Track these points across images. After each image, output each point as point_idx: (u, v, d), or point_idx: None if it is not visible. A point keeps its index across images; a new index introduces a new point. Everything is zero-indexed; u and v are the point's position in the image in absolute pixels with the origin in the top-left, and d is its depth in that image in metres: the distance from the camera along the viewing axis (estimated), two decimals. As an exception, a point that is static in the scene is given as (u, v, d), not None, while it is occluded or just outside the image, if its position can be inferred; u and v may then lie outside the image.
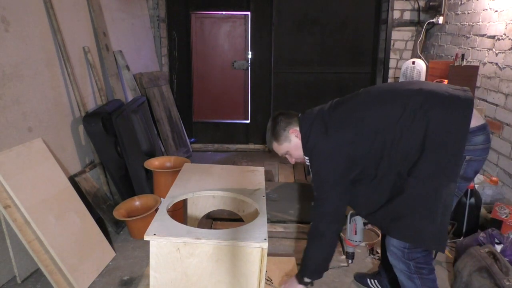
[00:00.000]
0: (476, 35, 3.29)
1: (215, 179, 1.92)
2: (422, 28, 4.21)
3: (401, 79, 3.76)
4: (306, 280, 1.93)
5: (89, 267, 2.26)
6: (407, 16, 4.42)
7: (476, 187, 2.72)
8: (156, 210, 2.33)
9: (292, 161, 1.95)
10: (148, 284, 1.44)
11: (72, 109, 2.81)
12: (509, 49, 2.83)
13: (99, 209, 2.71)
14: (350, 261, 2.22)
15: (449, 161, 1.51)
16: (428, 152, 1.53)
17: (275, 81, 4.81)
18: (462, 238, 2.62)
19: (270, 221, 2.98)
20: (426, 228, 1.57)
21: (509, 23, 2.84)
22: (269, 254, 2.07)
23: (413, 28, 4.45)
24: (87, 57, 3.00)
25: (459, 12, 3.64)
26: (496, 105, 2.98)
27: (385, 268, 2.09)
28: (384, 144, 1.62)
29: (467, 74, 3.04)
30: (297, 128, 1.85)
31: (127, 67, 3.64)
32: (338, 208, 1.78)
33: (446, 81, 3.06)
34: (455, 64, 3.15)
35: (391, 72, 4.59)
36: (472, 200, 2.64)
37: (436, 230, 1.56)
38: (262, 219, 1.52)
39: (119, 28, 3.66)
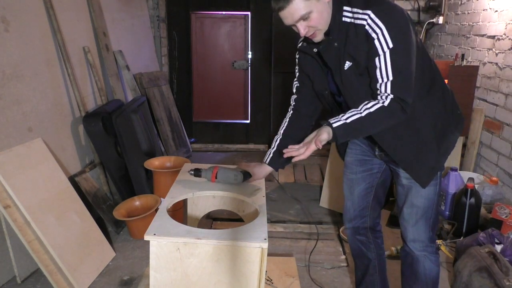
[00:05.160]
0: (476, 35, 3.29)
1: (215, 179, 1.92)
2: (422, 28, 4.21)
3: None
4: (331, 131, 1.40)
5: (89, 267, 2.26)
6: (407, 16, 4.42)
7: (476, 187, 2.72)
8: (156, 210, 2.33)
9: (304, 31, 1.43)
10: (148, 284, 1.44)
11: (72, 109, 2.81)
12: (509, 49, 2.83)
13: (99, 209, 2.71)
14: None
15: None
16: None
17: (275, 81, 4.81)
18: (462, 238, 2.62)
19: (270, 221, 2.99)
20: None
21: (509, 23, 2.84)
22: (269, 254, 2.07)
23: (413, 28, 4.44)
24: (87, 57, 3.00)
25: (459, 12, 3.64)
26: (496, 105, 2.98)
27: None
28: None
29: (467, 74, 3.04)
30: None
31: (127, 67, 3.64)
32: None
33: (446, 81, 3.05)
34: (455, 64, 3.15)
35: (391, 72, 4.58)
36: (472, 200, 2.64)
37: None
38: (262, 219, 1.52)
39: (119, 28, 3.66)
